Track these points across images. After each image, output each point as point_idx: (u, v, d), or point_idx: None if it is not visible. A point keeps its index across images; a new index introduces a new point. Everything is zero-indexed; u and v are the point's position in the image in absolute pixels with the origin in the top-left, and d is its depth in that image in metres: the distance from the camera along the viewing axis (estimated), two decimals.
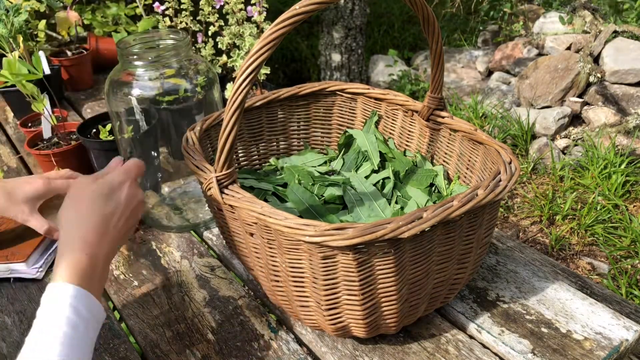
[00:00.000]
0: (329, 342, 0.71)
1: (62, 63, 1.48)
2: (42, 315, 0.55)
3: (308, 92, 0.89)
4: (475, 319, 0.72)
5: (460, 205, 0.57)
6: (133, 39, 0.86)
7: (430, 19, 0.66)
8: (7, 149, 1.28)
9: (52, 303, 0.55)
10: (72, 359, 0.52)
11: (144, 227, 0.96)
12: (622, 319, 0.71)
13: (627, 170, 2.23)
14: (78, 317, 0.55)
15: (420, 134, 0.85)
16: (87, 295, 0.57)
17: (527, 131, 2.51)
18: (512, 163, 0.66)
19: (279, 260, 0.63)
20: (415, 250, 0.59)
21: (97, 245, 0.60)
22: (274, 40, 0.55)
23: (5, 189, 0.79)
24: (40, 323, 0.54)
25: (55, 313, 0.54)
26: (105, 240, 0.62)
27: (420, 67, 3.53)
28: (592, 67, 2.40)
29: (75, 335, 0.53)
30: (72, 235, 0.60)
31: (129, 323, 0.76)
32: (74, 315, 0.54)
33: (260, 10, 1.23)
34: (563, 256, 1.98)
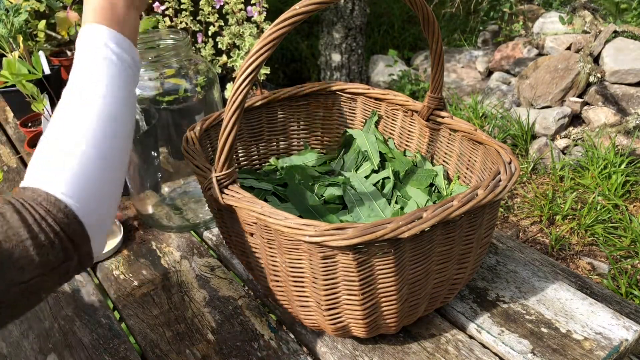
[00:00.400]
0: (329, 342, 0.71)
1: (62, 63, 1.48)
2: (79, 59, 0.54)
3: (308, 92, 0.89)
4: (475, 319, 0.72)
5: (460, 205, 0.57)
6: None
7: (430, 19, 0.66)
8: (7, 149, 1.28)
9: (87, 45, 0.54)
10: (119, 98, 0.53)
11: (144, 227, 0.96)
12: (622, 319, 0.71)
13: (627, 170, 2.23)
14: (116, 57, 0.54)
15: (420, 134, 0.85)
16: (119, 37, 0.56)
17: (527, 131, 2.51)
18: (512, 163, 0.66)
19: (279, 260, 0.63)
20: (415, 250, 0.59)
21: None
22: (274, 40, 0.55)
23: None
24: (79, 67, 0.54)
25: (92, 54, 0.54)
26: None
27: (420, 67, 3.53)
28: (592, 67, 2.40)
29: (117, 73, 0.54)
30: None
31: (129, 323, 0.76)
32: (113, 55, 0.54)
33: (260, 10, 1.23)
34: (563, 256, 1.98)
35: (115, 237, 0.91)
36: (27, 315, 0.78)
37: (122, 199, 1.04)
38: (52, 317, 0.78)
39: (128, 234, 0.94)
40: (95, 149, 0.51)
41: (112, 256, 0.89)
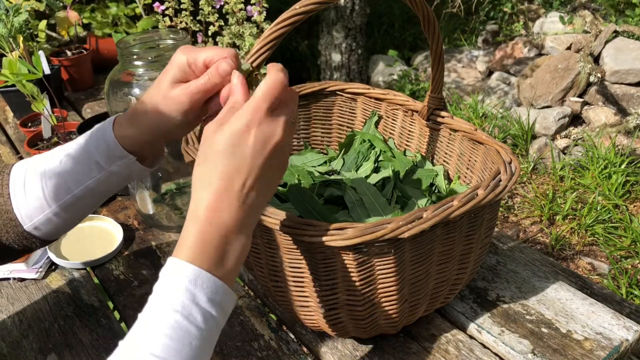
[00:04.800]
0: (329, 342, 0.71)
1: (62, 63, 1.48)
2: (155, 294, 0.47)
3: (308, 92, 0.89)
4: (476, 319, 0.72)
5: (460, 205, 0.57)
6: (133, 38, 0.86)
7: (431, 18, 0.66)
8: (7, 149, 1.28)
9: (167, 283, 0.46)
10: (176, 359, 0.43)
11: (143, 227, 0.96)
12: (622, 319, 0.71)
13: (628, 170, 2.23)
14: (194, 306, 0.45)
15: (421, 134, 0.85)
16: (212, 281, 0.46)
17: (527, 131, 2.51)
18: (512, 163, 0.66)
19: (279, 260, 0.63)
20: (415, 250, 0.59)
21: (224, 211, 0.48)
22: (274, 39, 0.55)
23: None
24: (150, 304, 0.46)
25: (167, 296, 0.45)
26: (237, 205, 0.48)
27: (420, 67, 3.53)
28: (592, 67, 2.40)
29: (185, 329, 0.44)
30: (195, 199, 0.49)
31: (129, 323, 0.76)
32: (190, 304, 0.45)
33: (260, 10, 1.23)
34: (563, 256, 1.98)
35: (116, 241, 0.91)
36: (27, 315, 0.78)
37: (122, 199, 1.04)
38: (52, 317, 0.78)
39: (128, 234, 0.94)
40: None
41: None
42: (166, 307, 0.45)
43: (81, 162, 0.60)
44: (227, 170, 0.48)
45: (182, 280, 0.46)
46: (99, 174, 0.60)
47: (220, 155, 0.48)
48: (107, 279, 0.85)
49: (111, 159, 0.60)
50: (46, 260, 0.87)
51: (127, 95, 0.84)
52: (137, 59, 0.82)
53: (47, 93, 1.14)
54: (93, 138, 0.61)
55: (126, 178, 0.62)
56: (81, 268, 0.87)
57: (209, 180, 0.48)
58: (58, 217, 0.61)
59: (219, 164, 0.48)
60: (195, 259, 0.47)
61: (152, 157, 0.63)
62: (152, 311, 0.46)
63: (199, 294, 0.45)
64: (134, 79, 0.84)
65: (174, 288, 0.46)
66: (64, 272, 0.86)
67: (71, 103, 1.50)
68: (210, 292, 0.46)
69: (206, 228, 0.47)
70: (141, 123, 0.59)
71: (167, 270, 0.47)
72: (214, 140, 0.49)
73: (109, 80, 0.86)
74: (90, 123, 1.09)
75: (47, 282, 0.84)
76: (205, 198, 0.48)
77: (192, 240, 0.47)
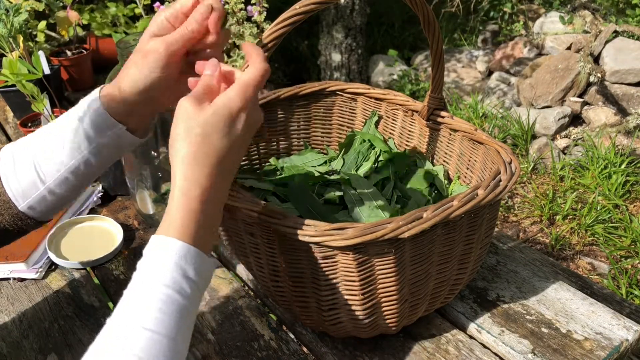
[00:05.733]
0: (329, 342, 0.71)
1: (62, 63, 1.48)
2: (141, 272, 0.48)
3: (308, 92, 0.89)
4: (476, 319, 0.72)
5: (460, 205, 0.57)
6: (133, 38, 0.86)
7: (431, 18, 0.66)
8: None
9: (155, 260, 0.48)
10: (169, 331, 0.45)
11: (143, 227, 0.96)
12: (622, 319, 0.71)
13: (628, 170, 2.23)
14: (185, 280, 0.47)
15: (421, 134, 0.85)
16: (198, 254, 0.49)
17: (527, 131, 2.51)
18: (512, 163, 0.66)
19: (279, 260, 0.63)
20: (415, 250, 0.59)
21: (212, 190, 0.50)
22: (274, 39, 0.55)
23: None
24: (137, 281, 0.47)
25: (157, 272, 0.47)
26: (221, 182, 0.51)
27: (420, 67, 3.53)
28: (592, 67, 2.40)
29: (177, 302, 0.46)
30: (183, 177, 0.50)
31: None
32: (181, 278, 0.47)
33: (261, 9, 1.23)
34: (563, 256, 1.98)
35: (116, 241, 0.91)
36: (27, 315, 0.78)
37: (122, 199, 1.04)
38: (52, 317, 0.78)
39: (128, 234, 0.94)
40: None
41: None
42: (156, 283, 0.47)
43: (71, 136, 0.60)
44: (221, 149, 0.50)
45: (172, 256, 0.47)
46: (89, 146, 0.60)
47: (216, 132, 0.50)
48: (107, 279, 0.85)
49: (101, 130, 0.60)
50: (46, 260, 0.87)
51: None
52: None
53: (47, 93, 1.14)
54: (80, 110, 0.61)
55: (117, 149, 0.63)
56: (81, 268, 0.87)
57: (205, 159, 0.50)
58: (52, 194, 0.62)
59: (217, 143, 0.50)
60: (184, 236, 0.48)
61: (142, 126, 0.64)
62: (141, 287, 0.47)
63: (188, 268, 0.48)
64: None
65: (163, 264, 0.47)
66: (64, 272, 0.86)
67: (71, 103, 1.50)
68: (197, 265, 0.49)
69: (197, 206, 0.49)
70: (124, 83, 0.59)
71: (153, 247, 0.49)
72: (203, 116, 0.50)
73: (108, 80, 0.86)
74: None
75: (47, 282, 0.84)
76: (197, 177, 0.50)
77: (183, 219, 0.49)
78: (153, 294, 0.46)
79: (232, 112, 0.50)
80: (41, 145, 0.61)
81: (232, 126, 0.51)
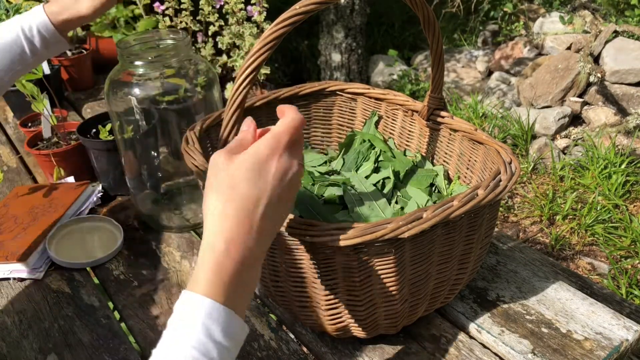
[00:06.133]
0: (329, 342, 0.71)
1: (62, 63, 1.48)
2: (170, 329, 0.46)
3: (308, 92, 0.89)
4: (476, 319, 0.72)
5: (460, 205, 0.57)
6: (133, 38, 0.86)
7: (431, 18, 0.66)
8: (7, 149, 1.28)
9: (183, 318, 0.46)
10: None
11: (143, 227, 0.96)
12: (622, 319, 0.71)
13: (628, 170, 2.23)
14: (211, 342, 0.44)
15: (421, 134, 0.85)
16: (227, 314, 0.46)
17: (527, 131, 2.51)
18: (512, 163, 0.66)
19: (279, 260, 0.63)
20: (415, 250, 0.59)
21: (241, 244, 0.48)
22: (274, 40, 0.55)
23: None
24: (165, 341, 0.46)
25: (183, 332, 0.45)
26: (253, 236, 0.48)
27: (420, 67, 3.53)
28: (592, 67, 2.40)
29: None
30: (212, 231, 0.48)
31: (128, 323, 0.76)
32: (206, 340, 0.44)
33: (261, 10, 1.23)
34: (563, 256, 1.98)
35: (116, 241, 0.91)
36: (27, 315, 0.78)
37: (122, 199, 1.04)
38: (52, 317, 0.78)
39: (128, 234, 0.94)
40: None
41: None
42: (182, 343, 0.44)
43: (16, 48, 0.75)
44: (248, 198, 0.48)
45: (198, 315, 0.45)
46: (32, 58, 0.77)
47: (243, 181, 0.48)
48: (107, 279, 0.85)
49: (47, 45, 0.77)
50: (46, 260, 0.87)
51: (127, 95, 0.84)
52: (137, 59, 0.82)
53: (47, 93, 1.14)
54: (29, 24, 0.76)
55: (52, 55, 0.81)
56: (81, 268, 0.87)
57: (229, 211, 0.48)
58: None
59: (245, 193, 0.48)
60: (211, 293, 0.46)
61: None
62: (168, 348, 0.45)
63: (214, 328, 0.45)
64: (134, 79, 0.84)
65: (190, 323, 0.45)
66: (64, 272, 0.86)
67: (71, 103, 1.50)
68: (226, 325, 0.46)
69: (224, 261, 0.47)
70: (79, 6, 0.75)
71: (181, 304, 0.47)
72: (232, 167, 0.49)
73: (109, 80, 0.86)
74: (90, 123, 1.09)
75: (47, 282, 0.84)
76: (225, 229, 0.47)
77: (208, 273, 0.46)
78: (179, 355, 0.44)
79: (260, 159, 0.49)
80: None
81: (260, 175, 0.48)
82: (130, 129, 0.88)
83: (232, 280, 0.47)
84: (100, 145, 1.01)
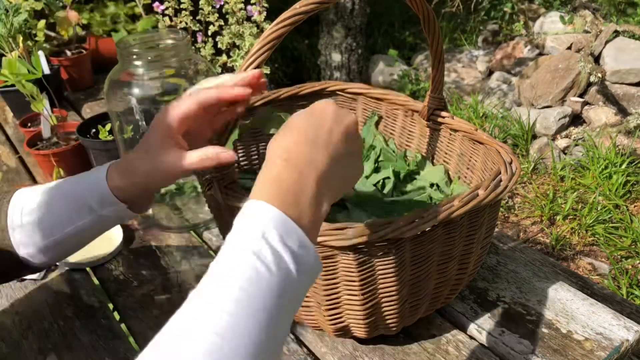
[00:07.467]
0: (329, 342, 0.71)
1: (61, 63, 1.48)
2: (229, 240, 0.42)
3: (308, 92, 0.89)
4: (476, 320, 0.72)
5: (461, 205, 0.57)
6: (133, 38, 0.86)
7: (431, 18, 0.66)
8: (7, 149, 1.28)
9: (243, 227, 0.42)
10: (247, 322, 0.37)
11: (143, 227, 0.96)
12: (623, 319, 0.71)
13: (628, 170, 2.23)
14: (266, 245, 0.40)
15: (421, 134, 0.85)
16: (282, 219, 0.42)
17: (527, 131, 2.51)
18: (512, 163, 0.66)
19: None
20: (416, 250, 0.59)
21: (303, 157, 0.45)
22: (274, 39, 0.55)
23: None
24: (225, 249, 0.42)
25: (244, 239, 0.41)
26: (318, 154, 0.46)
27: (421, 67, 3.53)
28: (592, 67, 2.40)
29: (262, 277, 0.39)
30: (273, 147, 0.47)
31: (129, 323, 0.76)
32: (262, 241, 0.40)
33: (261, 9, 1.23)
34: (564, 256, 1.98)
35: (116, 241, 0.91)
36: (26, 315, 0.78)
37: None
38: (52, 317, 0.78)
39: (128, 234, 0.93)
40: None
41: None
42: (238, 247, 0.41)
43: (74, 203, 0.64)
44: (307, 124, 0.48)
45: (250, 217, 0.42)
46: (90, 215, 0.64)
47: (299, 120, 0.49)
48: (107, 279, 0.85)
49: (103, 205, 0.63)
50: None
51: (127, 95, 0.84)
52: (137, 59, 0.82)
53: (47, 93, 1.13)
54: (86, 183, 0.65)
55: (116, 221, 0.67)
56: (81, 268, 0.87)
57: (288, 133, 0.48)
58: (46, 251, 0.65)
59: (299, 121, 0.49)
60: (268, 197, 0.43)
61: (142, 205, 0.68)
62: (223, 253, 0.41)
63: (268, 230, 0.40)
64: (134, 79, 0.84)
65: (242, 227, 0.42)
66: (64, 272, 0.86)
67: (71, 103, 1.50)
68: (284, 232, 0.41)
69: (281, 167, 0.45)
70: (134, 179, 0.63)
71: (239, 214, 0.44)
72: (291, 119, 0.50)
73: (108, 80, 0.86)
74: (90, 123, 1.08)
75: (47, 282, 0.84)
76: (281, 143, 0.47)
77: (265, 180, 0.44)
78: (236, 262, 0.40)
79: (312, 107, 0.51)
80: (45, 205, 0.65)
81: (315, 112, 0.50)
82: (130, 129, 0.88)
83: (292, 189, 0.44)
84: (100, 145, 1.01)
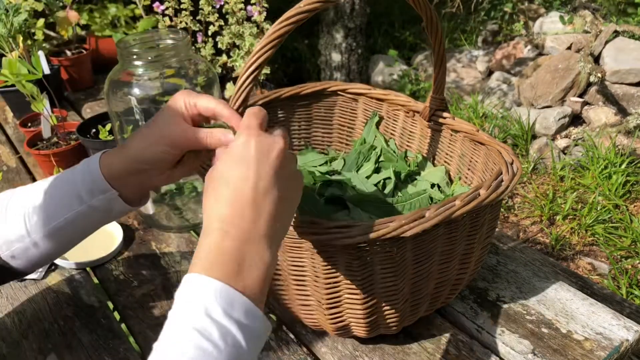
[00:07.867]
0: (329, 342, 0.71)
1: (61, 63, 1.48)
2: (172, 318, 0.42)
3: (309, 92, 0.89)
4: (476, 319, 0.72)
5: (462, 205, 0.57)
6: (133, 38, 0.86)
7: (434, 19, 0.66)
8: (7, 149, 1.28)
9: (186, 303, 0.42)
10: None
11: (143, 227, 0.96)
12: (623, 319, 0.71)
13: (628, 170, 2.23)
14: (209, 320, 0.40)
15: (422, 135, 0.85)
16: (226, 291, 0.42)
17: (527, 131, 2.51)
18: (513, 163, 0.66)
19: (280, 259, 0.63)
20: (417, 249, 0.59)
21: (233, 223, 0.45)
22: (276, 38, 0.55)
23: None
24: (168, 329, 0.42)
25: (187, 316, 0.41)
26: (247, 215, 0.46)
27: (421, 67, 3.53)
28: (592, 67, 2.40)
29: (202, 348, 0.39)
30: (208, 215, 0.47)
31: (128, 323, 0.76)
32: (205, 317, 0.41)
33: (261, 9, 1.23)
34: (563, 256, 1.98)
35: (116, 241, 0.91)
36: (26, 315, 0.78)
37: None
38: (52, 317, 0.78)
39: (128, 234, 0.94)
40: None
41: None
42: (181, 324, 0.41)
43: (64, 193, 0.61)
44: (235, 180, 0.47)
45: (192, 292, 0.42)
46: (79, 206, 0.60)
47: (226, 171, 0.48)
48: (107, 279, 0.85)
49: (93, 192, 0.60)
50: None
51: (127, 95, 0.84)
52: (137, 59, 0.82)
53: (47, 93, 1.13)
54: (79, 169, 0.62)
55: (106, 214, 0.63)
56: (81, 268, 0.87)
57: (220, 195, 0.47)
58: (36, 247, 0.62)
59: (226, 177, 0.48)
60: (209, 270, 0.43)
61: (135, 196, 0.63)
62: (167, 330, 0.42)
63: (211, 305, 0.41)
64: (134, 79, 0.84)
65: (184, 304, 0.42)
66: (64, 272, 0.86)
67: (71, 103, 1.50)
68: (228, 305, 0.41)
69: (220, 238, 0.45)
70: (128, 150, 0.60)
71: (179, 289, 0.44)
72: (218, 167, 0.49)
73: (108, 80, 0.86)
74: (90, 123, 1.08)
75: (47, 282, 0.84)
76: (217, 211, 0.47)
77: (205, 252, 0.45)
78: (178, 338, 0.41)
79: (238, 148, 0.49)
80: (34, 198, 0.61)
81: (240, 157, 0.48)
82: (130, 129, 0.88)
83: (233, 260, 0.44)
84: (100, 145, 1.01)
